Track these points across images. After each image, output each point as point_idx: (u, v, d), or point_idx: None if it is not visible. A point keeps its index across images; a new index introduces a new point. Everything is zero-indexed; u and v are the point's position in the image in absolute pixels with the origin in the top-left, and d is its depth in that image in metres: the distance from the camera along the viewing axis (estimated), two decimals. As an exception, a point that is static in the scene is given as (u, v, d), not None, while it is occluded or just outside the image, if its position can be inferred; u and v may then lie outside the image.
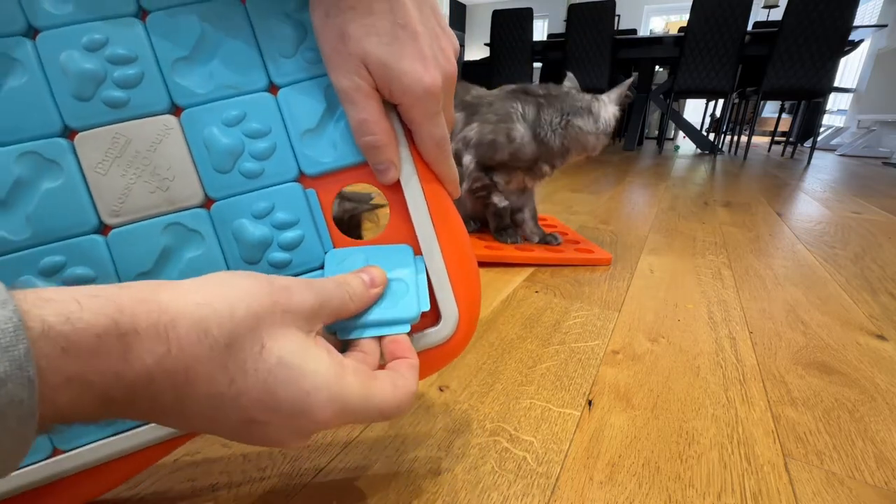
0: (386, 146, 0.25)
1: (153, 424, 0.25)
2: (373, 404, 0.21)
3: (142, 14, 0.23)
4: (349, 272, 0.24)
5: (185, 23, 0.23)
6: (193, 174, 0.24)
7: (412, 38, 0.23)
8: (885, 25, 3.79)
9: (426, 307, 0.26)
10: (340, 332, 0.24)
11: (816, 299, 0.66)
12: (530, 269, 0.73)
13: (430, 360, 0.27)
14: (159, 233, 0.24)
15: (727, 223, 1.10)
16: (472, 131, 0.75)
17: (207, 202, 0.25)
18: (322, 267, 0.27)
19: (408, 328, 0.25)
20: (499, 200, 0.79)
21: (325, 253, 0.27)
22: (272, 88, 0.25)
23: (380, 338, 0.24)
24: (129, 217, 0.24)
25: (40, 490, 0.25)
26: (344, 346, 0.24)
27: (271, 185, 0.26)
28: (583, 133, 0.74)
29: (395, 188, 0.27)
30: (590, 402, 0.40)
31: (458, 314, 0.27)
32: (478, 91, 0.80)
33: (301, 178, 0.26)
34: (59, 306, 0.15)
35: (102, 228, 0.24)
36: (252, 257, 0.26)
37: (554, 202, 1.28)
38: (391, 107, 0.25)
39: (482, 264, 0.73)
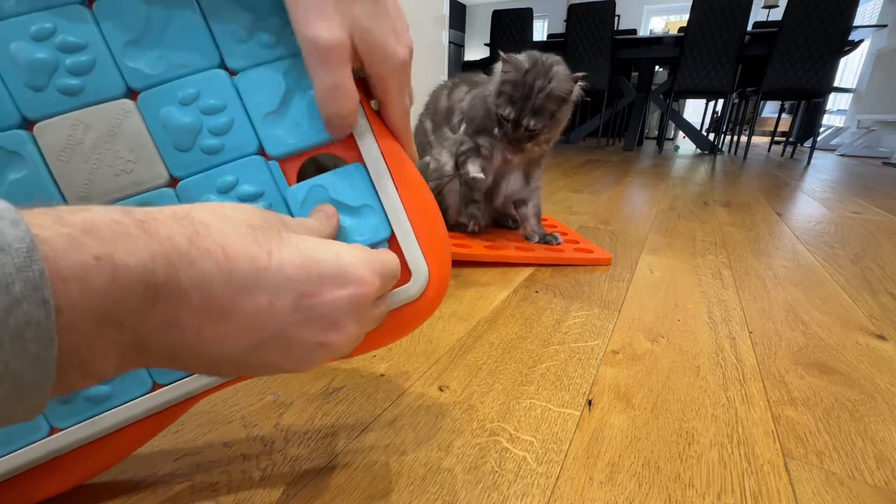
0: (353, 115, 0.25)
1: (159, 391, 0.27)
2: (388, 259, 0.23)
3: (87, 2, 0.23)
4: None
5: (131, 6, 0.23)
6: (156, 155, 0.25)
7: (386, 14, 0.24)
8: (885, 25, 3.79)
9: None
10: None
11: (816, 299, 0.66)
12: (530, 269, 0.73)
13: (403, 319, 0.28)
14: None
15: (727, 223, 1.10)
16: (465, 102, 0.80)
17: (173, 181, 0.25)
18: None
19: (386, 247, 0.27)
20: (473, 169, 0.76)
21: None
22: (227, 69, 0.26)
23: None
24: (97, 202, 0.24)
25: (48, 465, 0.26)
26: None
27: (233, 160, 0.26)
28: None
29: (354, 152, 0.27)
30: (590, 402, 0.40)
31: (429, 270, 0.27)
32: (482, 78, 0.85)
33: (262, 151, 0.26)
34: (68, 207, 0.15)
35: None
36: None
37: (554, 202, 1.28)
38: None
39: (483, 264, 0.73)
